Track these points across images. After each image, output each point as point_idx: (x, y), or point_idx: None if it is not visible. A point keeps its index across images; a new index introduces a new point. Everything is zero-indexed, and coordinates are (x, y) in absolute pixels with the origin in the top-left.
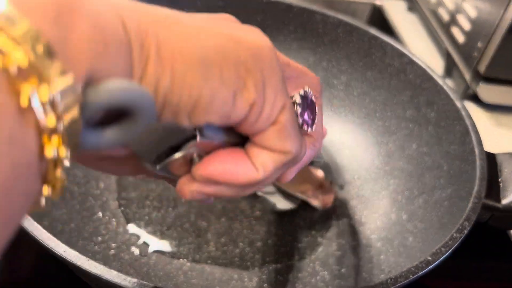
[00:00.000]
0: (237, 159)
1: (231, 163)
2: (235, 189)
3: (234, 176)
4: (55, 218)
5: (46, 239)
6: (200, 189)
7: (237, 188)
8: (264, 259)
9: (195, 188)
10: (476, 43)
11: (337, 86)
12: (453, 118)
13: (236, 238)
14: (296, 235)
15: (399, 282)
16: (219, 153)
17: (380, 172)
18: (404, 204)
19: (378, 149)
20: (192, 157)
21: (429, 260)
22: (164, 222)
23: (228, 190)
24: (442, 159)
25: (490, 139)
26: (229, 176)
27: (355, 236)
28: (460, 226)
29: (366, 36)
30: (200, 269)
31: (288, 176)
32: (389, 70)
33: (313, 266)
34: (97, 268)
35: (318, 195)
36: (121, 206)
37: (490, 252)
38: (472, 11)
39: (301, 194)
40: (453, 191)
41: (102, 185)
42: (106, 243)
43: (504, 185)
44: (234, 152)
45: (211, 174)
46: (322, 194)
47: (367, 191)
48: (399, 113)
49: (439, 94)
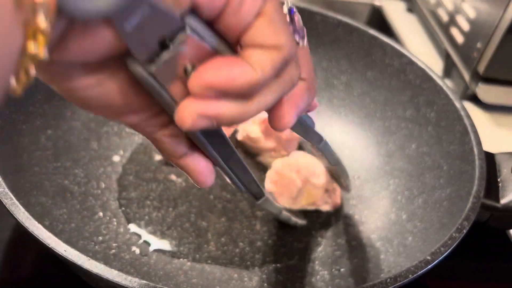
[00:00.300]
0: (232, 63)
1: (226, 66)
2: (237, 103)
3: (232, 79)
4: (55, 218)
5: (47, 239)
6: (201, 109)
7: (239, 99)
8: (264, 259)
9: (195, 108)
10: (475, 44)
11: (337, 86)
12: (452, 118)
13: (236, 238)
14: (296, 235)
15: (398, 281)
16: (213, 60)
17: (380, 172)
18: (404, 204)
19: (378, 149)
20: (186, 67)
21: (428, 259)
22: (164, 222)
23: (230, 105)
24: (441, 159)
25: (489, 139)
26: (227, 80)
27: (355, 236)
28: (459, 226)
29: (366, 37)
30: (200, 269)
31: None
32: (389, 70)
33: (313, 266)
34: (97, 268)
35: (327, 200)
36: (122, 206)
37: (489, 252)
38: (471, 12)
39: (311, 207)
40: (452, 191)
41: (103, 185)
42: (106, 242)
43: (503, 185)
44: (228, 58)
45: (207, 80)
46: (330, 197)
47: (367, 191)
48: (399, 113)
49: (439, 94)
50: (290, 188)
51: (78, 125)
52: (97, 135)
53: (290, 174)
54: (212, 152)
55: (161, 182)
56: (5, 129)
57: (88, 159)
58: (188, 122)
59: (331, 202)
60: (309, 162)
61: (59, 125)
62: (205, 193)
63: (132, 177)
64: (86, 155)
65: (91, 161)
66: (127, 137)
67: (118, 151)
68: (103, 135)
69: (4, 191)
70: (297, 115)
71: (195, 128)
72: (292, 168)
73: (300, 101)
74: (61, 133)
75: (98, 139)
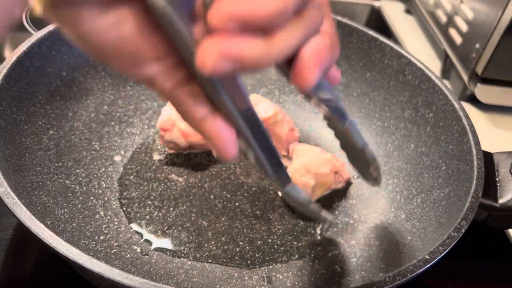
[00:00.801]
0: None
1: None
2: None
3: (253, 9)
4: (57, 217)
5: (49, 238)
6: (223, 48)
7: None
8: (264, 258)
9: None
10: (473, 45)
11: (336, 87)
12: (451, 119)
13: (237, 237)
14: (295, 234)
15: (397, 280)
16: None
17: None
18: (403, 204)
19: (377, 149)
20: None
21: (427, 258)
22: (165, 221)
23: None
24: (440, 159)
25: (487, 139)
26: (248, 10)
27: (354, 235)
28: (457, 225)
29: (365, 37)
30: (200, 268)
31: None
32: (388, 71)
33: (312, 265)
34: (99, 267)
35: (338, 178)
36: (123, 205)
37: (488, 251)
38: (470, 13)
39: (327, 191)
40: (451, 190)
41: (104, 185)
42: (107, 242)
43: (501, 184)
44: None
45: (228, 10)
46: (340, 176)
47: (366, 190)
48: (398, 113)
49: (438, 94)
50: (305, 189)
51: (80, 125)
52: (99, 135)
53: (301, 179)
54: (235, 114)
55: (162, 182)
56: (7, 129)
57: (90, 159)
58: (210, 64)
59: (343, 180)
60: (312, 155)
61: (61, 125)
62: (205, 193)
63: (133, 177)
64: (87, 155)
65: (92, 161)
66: (128, 137)
67: (119, 151)
68: (104, 135)
69: (6, 191)
70: (321, 72)
71: (217, 71)
72: (301, 172)
73: (324, 56)
74: (63, 133)
75: (99, 139)
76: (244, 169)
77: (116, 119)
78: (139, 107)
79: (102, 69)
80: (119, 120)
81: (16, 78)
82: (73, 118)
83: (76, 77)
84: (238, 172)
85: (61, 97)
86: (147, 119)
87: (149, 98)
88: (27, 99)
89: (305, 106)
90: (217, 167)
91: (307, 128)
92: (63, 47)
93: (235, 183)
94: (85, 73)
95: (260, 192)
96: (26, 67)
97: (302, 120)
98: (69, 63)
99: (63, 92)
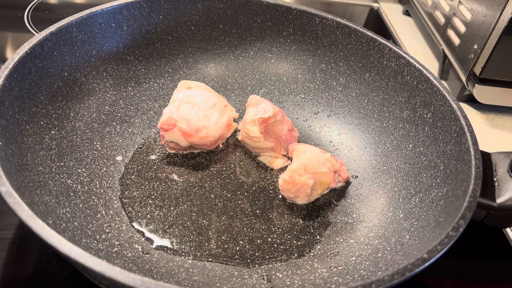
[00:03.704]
0: None
1: None
2: None
3: None
4: (59, 217)
5: (50, 237)
6: None
7: None
8: (264, 257)
9: None
10: (471, 46)
11: (335, 88)
12: (449, 119)
13: (237, 236)
14: (295, 233)
15: (395, 279)
16: None
17: (378, 171)
18: (401, 203)
19: (376, 149)
20: None
21: (425, 257)
22: (166, 221)
23: None
24: (438, 159)
25: (485, 139)
26: None
27: (353, 234)
28: (455, 225)
29: (364, 39)
30: (201, 266)
31: None
32: (386, 72)
33: (312, 264)
34: (100, 265)
35: (338, 178)
36: (124, 204)
37: (486, 250)
38: (468, 14)
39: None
40: (449, 190)
41: (105, 184)
42: (109, 241)
43: (499, 184)
44: None
45: None
46: (339, 175)
47: (364, 190)
48: (397, 113)
49: (436, 95)
50: (304, 189)
51: (81, 126)
52: (100, 135)
53: (301, 179)
54: None
55: (163, 181)
56: (9, 129)
57: (91, 158)
58: None
59: (343, 178)
60: (312, 155)
61: (63, 125)
62: (206, 192)
63: (134, 176)
64: (89, 154)
65: (94, 160)
66: (129, 137)
67: (120, 151)
68: (106, 135)
69: (8, 190)
70: None
71: None
72: (300, 171)
73: None
74: (65, 133)
75: (101, 139)
76: (244, 169)
77: (118, 119)
78: (140, 108)
79: (104, 69)
80: (121, 120)
81: (18, 78)
82: (75, 118)
83: (78, 78)
84: (238, 171)
85: (63, 98)
86: (148, 119)
87: (150, 99)
88: (29, 99)
89: (305, 106)
90: (217, 166)
91: (306, 128)
92: (65, 48)
93: (235, 183)
94: (87, 74)
95: (260, 191)
96: (28, 67)
97: (302, 120)
98: (71, 63)
99: (65, 92)
